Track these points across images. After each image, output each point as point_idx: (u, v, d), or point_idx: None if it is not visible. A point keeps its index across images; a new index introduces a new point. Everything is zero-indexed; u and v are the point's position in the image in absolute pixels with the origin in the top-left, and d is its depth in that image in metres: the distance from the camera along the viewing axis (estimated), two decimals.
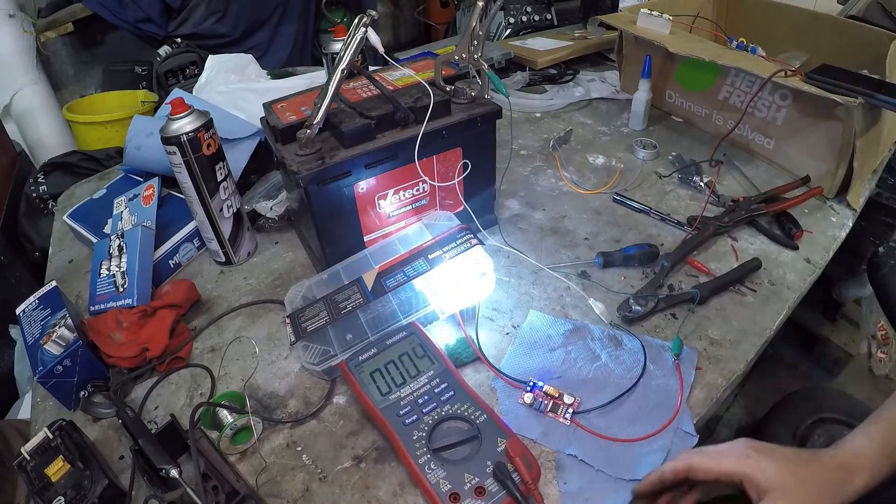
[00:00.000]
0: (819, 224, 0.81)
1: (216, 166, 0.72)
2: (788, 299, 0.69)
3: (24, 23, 1.80)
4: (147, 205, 0.80)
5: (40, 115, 1.85)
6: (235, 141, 0.88)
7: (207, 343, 0.69)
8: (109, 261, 0.73)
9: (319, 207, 0.68)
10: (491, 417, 0.51)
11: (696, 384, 0.59)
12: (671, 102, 1.11)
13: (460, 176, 0.74)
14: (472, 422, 0.50)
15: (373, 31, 0.63)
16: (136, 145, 0.90)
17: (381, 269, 0.67)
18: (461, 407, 0.52)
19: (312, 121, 0.64)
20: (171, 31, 1.91)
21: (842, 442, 0.49)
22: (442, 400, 0.53)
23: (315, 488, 0.52)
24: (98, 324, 0.65)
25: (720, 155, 0.94)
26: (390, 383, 0.55)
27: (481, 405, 0.52)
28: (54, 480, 0.51)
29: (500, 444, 0.48)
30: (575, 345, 0.63)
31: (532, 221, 0.85)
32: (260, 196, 0.85)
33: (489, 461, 0.47)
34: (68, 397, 0.61)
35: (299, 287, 0.71)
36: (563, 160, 0.99)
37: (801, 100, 0.85)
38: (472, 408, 0.52)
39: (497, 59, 1.31)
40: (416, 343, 0.59)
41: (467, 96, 0.72)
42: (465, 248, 0.66)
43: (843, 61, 0.85)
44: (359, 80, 0.77)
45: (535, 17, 1.74)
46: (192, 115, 0.68)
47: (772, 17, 1.13)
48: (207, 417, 0.56)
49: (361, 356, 0.58)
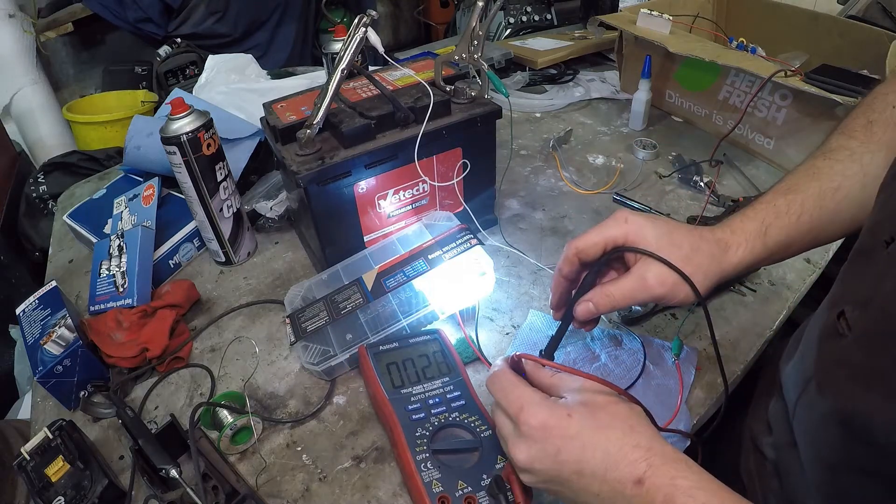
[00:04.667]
0: None
1: (216, 166, 0.72)
2: (788, 299, 0.69)
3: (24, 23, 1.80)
4: (147, 205, 0.80)
5: (40, 115, 1.85)
6: (235, 141, 0.88)
7: (207, 343, 0.69)
8: (109, 261, 0.73)
9: (319, 207, 0.68)
10: (496, 436, 0.51)
11: (696, 384, 0.59)
12: (671, 102, 1.11)
13: (460, 176, 0.74)
14: (476, 434, 0.50)
15: (373, 31, 0.63)
16: (136, 145, 0.90)
17: (381, 269, 0.67)
18: (469, 417, 0.52)
19: (312, 121, 0.64)
20: (171, 31, 1.92)
21: (722, 223, 0.51)
22: (452, 406, 0.52)
23: (315, 488, 0.52)
24: (98, 324, 0.65)
25: (720, 155, 0.94)
26: (404, 378, 0.55)
27: (489, 421, 0.51)
28: (54, 480, 0.51)
29: (499, 462, 0.48)
30: (574, 345, 0.63)
31: (532, 221, 0.85)
32: (260, 196, 0.85)
33: (485, 474, 0.47)
34: (68, 397, 0.61)
35: (299, 287, 0.71)
36: (563, 160, 0.99)
37: (801, 100, 0.85)
38: (479, 421, 0.51)
39: (497, 59, 1.30)
40: (437, 348, 0.59)
41: (467, 96, 0.72)
42: (464, 249, 0.66)
43: (843, 61, 0.85)
44: (359, 80, 0.77)
45: (535, 17, 1.74)
46: (192, 115, 0.68)
47: (772, 17, 1.13)
48: (207, 417, 0.56)
49: (382, 346, 0.58)
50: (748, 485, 0.59)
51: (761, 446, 0.57)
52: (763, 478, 0.57)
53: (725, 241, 0.49)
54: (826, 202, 0.50)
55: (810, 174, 0.51)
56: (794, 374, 0.52)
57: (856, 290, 0.44)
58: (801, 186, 0.51)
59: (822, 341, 0.46)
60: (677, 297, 0.47)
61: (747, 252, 0.49)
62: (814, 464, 0.48)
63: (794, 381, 0.52)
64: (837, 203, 0.50)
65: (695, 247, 0.47)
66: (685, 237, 0.47)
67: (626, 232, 0.47)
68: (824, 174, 0.51)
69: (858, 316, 0.41)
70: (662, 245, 0.47)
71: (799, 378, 0.51)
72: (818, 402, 0.46)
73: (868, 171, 0.50)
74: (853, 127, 0.52)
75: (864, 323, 0.40)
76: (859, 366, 0.40)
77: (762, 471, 0.57)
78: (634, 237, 0.47)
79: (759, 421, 0.59)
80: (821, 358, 0.46)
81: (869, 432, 0.37)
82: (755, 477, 0.58)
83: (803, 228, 0.49)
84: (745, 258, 0.49)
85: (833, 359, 0.44)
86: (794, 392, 0.51)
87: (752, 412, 0.62)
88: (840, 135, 0.53)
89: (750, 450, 0.60)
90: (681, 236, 0.47)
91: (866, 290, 0.41)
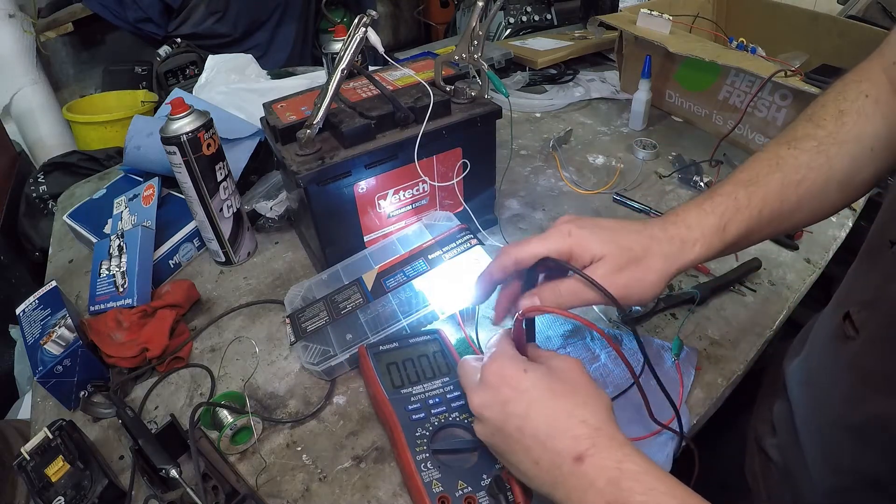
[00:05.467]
0: (819, 224, 0.81)
1: (216, 166, 0.72)
2: (788, 299, 0.69)
3: (24, 23, 1.80)
4: (147, 205, 0.80)
5: (40, 115, 1.85)
6: (235, 141, 0.88)
7: (207, 343, 0.69)
8: (109, 261, 0.73)
9: (319, 207, 0.68)
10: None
11: (696, 384, 0.59)
12: (671, 102, 1.11)
13: (460, 176, 0.74)
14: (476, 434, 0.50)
15: (373, 31, 0.63)
16: (136, 145, 0.90)
17: (381, 269, 0.67)
18: (469, 417, 0.51)
19: (312, 121, 0.64)
20: (171, 31, 1.92)
21: (672, 216, 0.48)
22: (452, 406, 0.52)
23: (315, 488, 0.52)
24: (98, 324, 0.65)
25: (720, 155, 0.94)
26: (404, 379, 0.55)
27: None
28: (54, 480, 0.51)
29: (498, 463, 0.48)
30: (574, 345, 0.63)
31: (532, 221, 0.85)
32: (260, 196, 0.85)
33: (485, 474, 0.47)
34: (68, 397, 0.61)
35: (299, 287, 0.71)
36: (563, 160, 0.99)
37: (801, 100, 0.85)
38: None
39: (497, 59, 1.31)
40: (437, 348, 0.59)
41: (467, 96, 0.72)
42: (464, 249, 0.66)
43: (843, 61, 0.85)
44: (359, 80, 0.77)
45: (535, 17, 1.74)
46: (192, 115, 0.68)
47: (772, 17, 1.13)
48: (207, 417, 0.56)
49: (382, 346, 0.58)
50: (752, 485, 0.59)
51: (766, 447, 0.57)
52: (768, 479, 0.57)
53: (681, 237, 0.46)
54: (788, 195, 0.48)
55: (773, 164, 0.49)
56: (799, 374, 0.52)
57: (862, 290, 0.43)
58: (763, 178, 0.48)
59: (829, 343, 0.46)
60: (630, 299, 0.46)
61: (705, 248, 0.46)
62: (821, 468, 0.47)
63: (798, 381, 0.52)
64: (799, 196, 0.48)
65: (645, 248, 0.45)
66: (635, 240, 0.45)
67: (570, 245, 0.45)
68: (788, 165, 0.49)
69: (865, 317, 0.41)
70: (610, 251, 0.45)
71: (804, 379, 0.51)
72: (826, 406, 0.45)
73: (834, 164, 0.48)
74: (822, 116, 0.50)
75: (872, 325, 0.40)
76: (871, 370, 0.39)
77: (767, 472, 0.57)
78: (579, 250, 0.45)
79: (764, 422, 0.59)
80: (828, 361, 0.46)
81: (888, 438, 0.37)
82: (760, 478, 0.58)
83: (763, 221, 0.48)
84: (703, 254, 0.47)
85: (842, 363, 0.43)
86: (799, 394, 0.51)
87: (756, 413, 0.62)
88: (808, 122, 0.50)
89: (755, 451, 0.59)
90: (629, 240, 0.45)
91: (872, 290, 0.41)
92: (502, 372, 0.42)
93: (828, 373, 0.46)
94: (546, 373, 0.41)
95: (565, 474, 0.37)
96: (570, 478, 0.37)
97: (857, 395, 0.41)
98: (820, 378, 0.47)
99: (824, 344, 0.47)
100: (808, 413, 0.49)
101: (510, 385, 0.41)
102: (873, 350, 0.39)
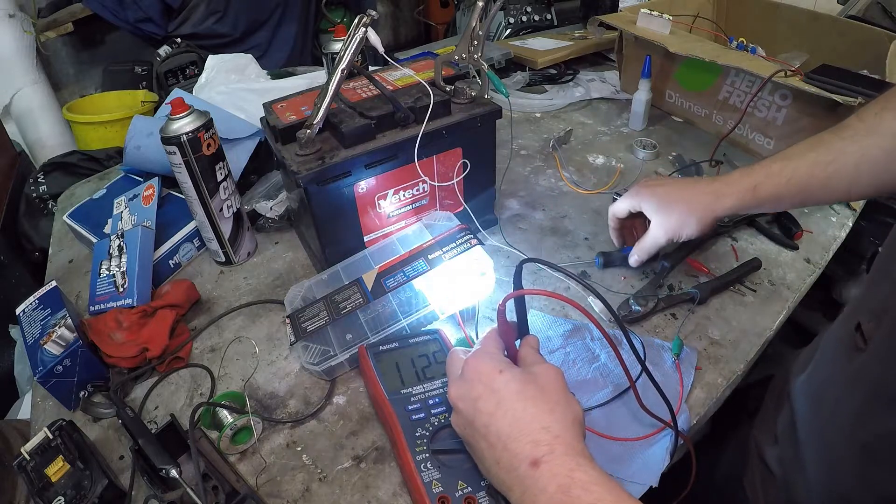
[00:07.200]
0: (819, 224, 0.81)
1: (216, 166, 0.72)
2: (788, 299, 0.69)
3: (24, 23, 1.80)
4: (147, 205, 0.80)
5: (40, 115, 1.85)
6: (235, 141, 0.88)
7: (207, 343, 0.69)
8: (109, 261, 0.73)
9: (319, 207, 0.68)
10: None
11: (696, 384, 0.59)
12: (671, 102, 1.11)
13: (460, 176, 0.74)
14: None
15: (373, 31, 0.63)
16: (136, 145, 0.90)
17: (381, 269, 0.67)
18: None
19: (312, 121, 0.64)
20: (171, 31, 1.91)
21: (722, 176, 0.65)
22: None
23: (315, 488, 0.52)
24: (98, 324, 0.65)
25: (720, 155, 0.94)
26: (405, 378, 0.55)
27: None
28: (54, 480, 0.51)
29: None
30: (574, 345, 0.63)
31: (532, 221, 0.85)
32: (260, 196, 0.85)
33: None
34: (68, 397, 0.61)
35: (299, 287, 0.71)
36: (563, 160, 0.99)
37: (801, 100, 0.85)
38: None
39: (497, 59, 1.31)
40: (437, 348, 0.59)
41: (467, 96, 0.72)
42: (464, 249, 0.66)
43: (843, 61, 0.85)
44: (359, 80, 0.77)
45: (535, 17, 1.74)
46: (192, 115, 0.68)
47: (772, 17, 1.13)
48: (207, 417, 0.56)
49: (382, 346, 0.58)
50: (751, 497, 0.58)
51: (767, 459, 0.57)
52: (768, 492, 0.56)
53: (720, 191, 0.62)
54: (817, 171, 0.57)
55: (812, 145, 0.59)
56: (806, 387, 0.52)
57: (872, 300, 0.43)
58: (798, 155, 0.59)
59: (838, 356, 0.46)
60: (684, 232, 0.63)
61: (737, 201, 0.61)
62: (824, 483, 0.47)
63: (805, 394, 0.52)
64: (829, 175, 0.57)
65: (688, 200, 0.63)
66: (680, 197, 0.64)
67: (637, 202, 0.66)
68: (824, 147, 0.58)
69: (874, 328, 0.40)
70: (661, 208, 0.64)
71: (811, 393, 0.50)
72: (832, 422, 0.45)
73: (866, 152, 0.55)
74: (867, 111, 0.57)
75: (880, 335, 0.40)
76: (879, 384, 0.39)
77: (767, 485, 0.57)
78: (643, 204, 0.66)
79: (766, 433, 0.59)
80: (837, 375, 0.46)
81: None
82: (759, 491, 0.58)
83: (792, 189, 0.59)
84: (735, 205, 0.62)
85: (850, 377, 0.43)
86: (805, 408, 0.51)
87: (759, 423, 0.62)
88: (854, 117, 0.58)
89: (755, 463, 0.59)
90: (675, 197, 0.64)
91: (882, 301, 0.41)
92: (479, 368, 0.43)
93: (836, 387, 0.46)
94: (520, 376, 0.43)
95: (521, 476, 0.38)
96: (525, 480, 0.38)
97: (865, 411, 0.41)
98: (827, 393, 0.47)
99: (833, 357, 0.47)
100: (813, 428, 0.49)
101: (483, 382, 0.42)
102: (880, 362, 0.39)
